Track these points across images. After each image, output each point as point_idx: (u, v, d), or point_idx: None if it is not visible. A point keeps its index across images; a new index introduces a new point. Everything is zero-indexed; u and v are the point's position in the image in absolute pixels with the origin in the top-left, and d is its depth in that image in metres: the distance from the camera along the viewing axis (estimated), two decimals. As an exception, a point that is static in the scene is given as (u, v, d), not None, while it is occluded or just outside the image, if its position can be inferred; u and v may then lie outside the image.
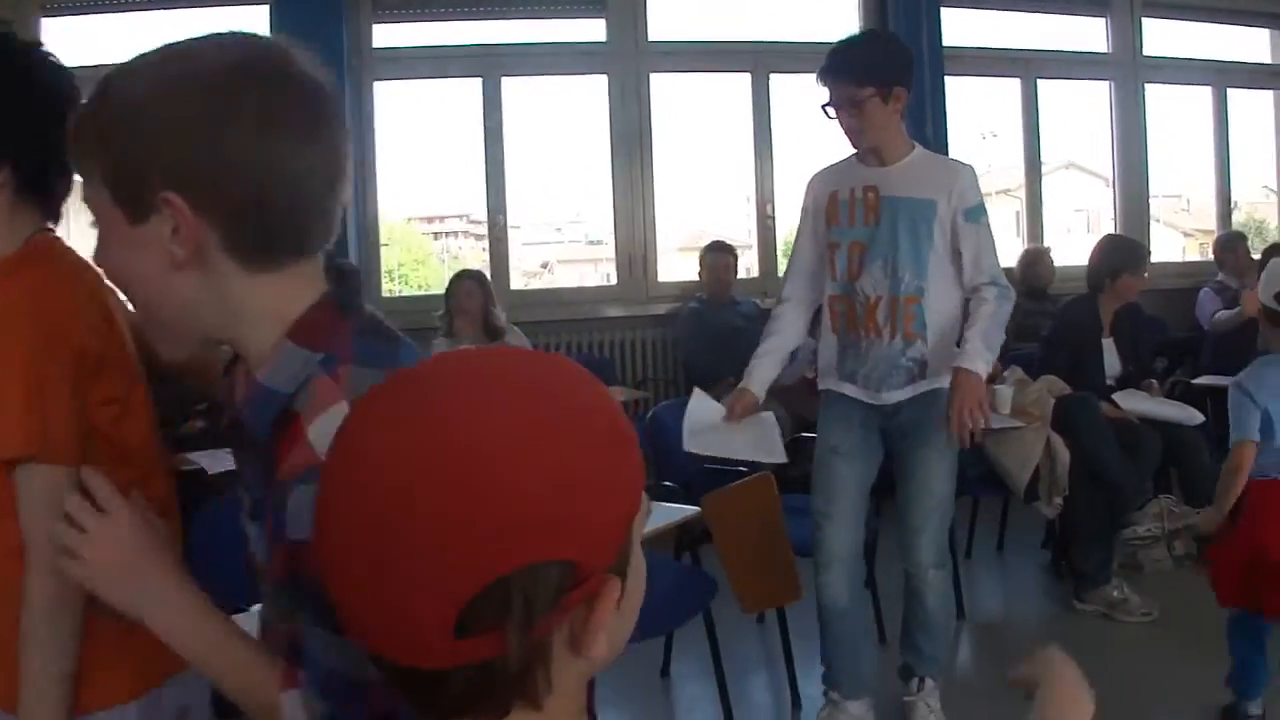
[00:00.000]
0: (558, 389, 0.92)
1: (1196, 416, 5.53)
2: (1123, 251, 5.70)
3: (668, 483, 4.26)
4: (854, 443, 3.76)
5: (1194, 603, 4.96)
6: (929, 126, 7.46)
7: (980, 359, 3.52)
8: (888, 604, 4.65)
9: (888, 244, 3.59)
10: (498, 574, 0.83)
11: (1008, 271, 7.55)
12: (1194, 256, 9.92)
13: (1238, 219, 9.38)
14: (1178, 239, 10.26)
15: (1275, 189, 9.63)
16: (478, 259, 7.42)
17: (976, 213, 3.60)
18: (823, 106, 3.61)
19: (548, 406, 0.89)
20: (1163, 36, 8.80)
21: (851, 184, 3.68)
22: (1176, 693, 4.20)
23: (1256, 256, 7.63)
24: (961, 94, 7.97)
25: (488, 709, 0.88)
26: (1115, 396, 5.45)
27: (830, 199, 3.74)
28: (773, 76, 7.62)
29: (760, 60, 7.60)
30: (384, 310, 4.74)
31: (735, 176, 7.76)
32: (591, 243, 8.23)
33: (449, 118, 7.51)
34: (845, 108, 3.55)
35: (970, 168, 3.70)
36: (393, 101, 7.13)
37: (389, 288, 7.25)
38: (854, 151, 3.74)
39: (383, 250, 7.18)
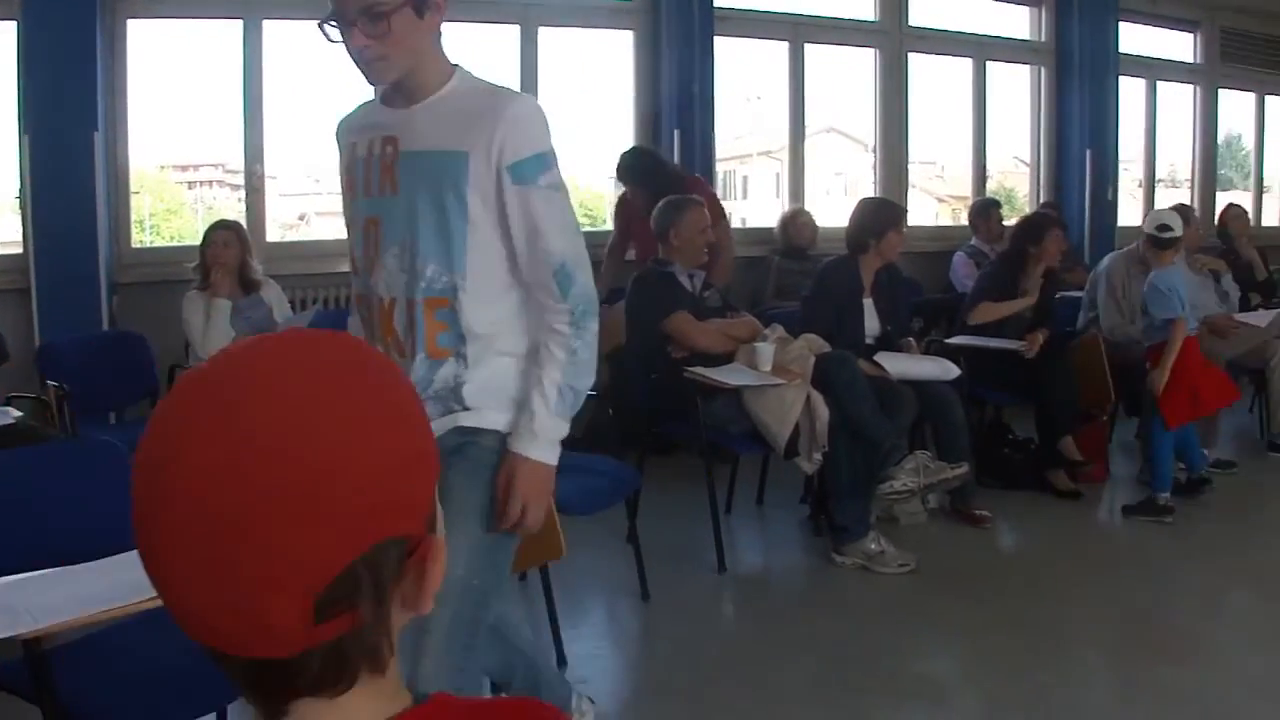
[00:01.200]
0: (357, 373, 0.93)
1: (953, 370, 5.68)
2: (885, 210, 5.85)
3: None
4: None
5: (949, 553, 5.13)
6: (697, 84, 7.48)
7: (547, 437, 2.51)
8: (652, 561, 4.66)
9: (405, 223, 2.51)
10: (346, 562, 0.87)
11: (767, 232, 7.74)
12: (947, 221, 10.20)
13: (990, 187, 9.69)
14: (932, 204, 10.52)
15: (1027, 160, 9.96)
16: (233, 210, 7.12)
17: (530, 169, 2.44)
18: (320, 25, 2.40)
19: (357, 395, 0.91)
20: (928, 8, 9.02)
21: (371, 135, 2.59)
22: (935, 637, 4.31)
23: (1007, 223, 7.89)
24: (730, 55, 8.00)
25: (340, 682, 0.91)
26: (876, 356, 5.55)
27: (350, 156, 2.66)
28: (541, 29, 7.51)
29: (529, 13, 7.48)
30: (134, 262, 4.49)
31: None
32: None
33: (206, 61, 7.19)
34: (361, 23, 2.35)
35: (526, 102, 2.53)
36: (147, 41, 6.78)
37: (139, 238, 6.89)
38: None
39: (133, 199, 6.84)
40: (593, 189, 8.83)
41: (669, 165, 6.83)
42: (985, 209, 8.42)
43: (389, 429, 0.91)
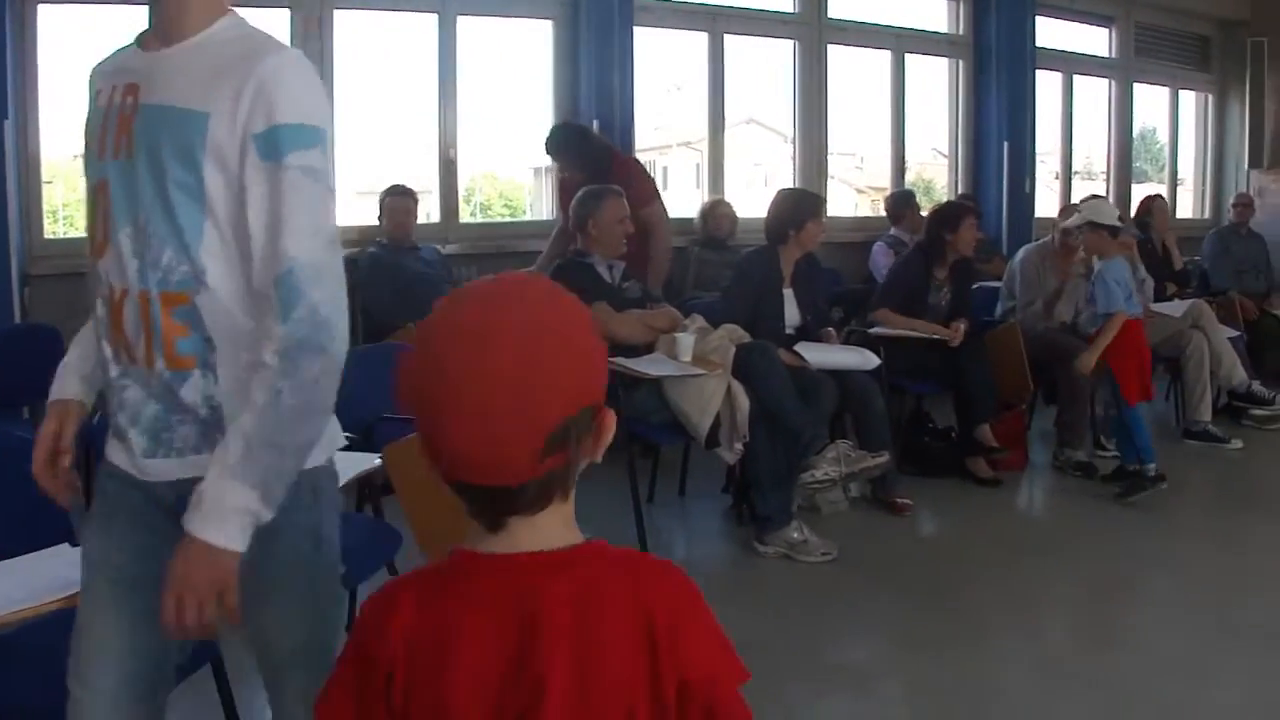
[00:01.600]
0: (562, 295, 1.41)
1: (873, 359, 5.71)
2: (805, 200, 5.87)
3: (347, 434, 4.05)
4: (132, 558, 2.08)
5: (871, 541, 5.15)
6: (616, 75, 7.45)
7: (220, 510, 1.84)
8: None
9: (138, 194, 1.95)
10: (563, 419, 1.31)
11: (687, 222, 7.74)
12: (865, 212, 10.25)
13: (909, 179, 9.74)
14: (851, 195, 10.57)
15: (945, 152, 10.02)
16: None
17: (283, 142, 1.90)
18: None
19: (566, 309, 1.39)
20: (847, 0, 9.05)
21: (115, 81, 2.05)
22: (858, 624, 4.32)
23: (924, 213, 7.93)
24: (649, 46, 7.97)
25: (542, 506, 1.37)
26: (797, 346, 5.55)
27: (93, 108, 2.11)
28: (460, 19, 7.44)
29: (447, 2, 7.40)
30: (47, 253, 4.36)
31: (418, 120, 7.56)
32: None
33: (112, 45, 7.04)
34: None
35: (290, 57, 1.96)
36: (59, 28, 6.63)
37: (52, 229, 6.74)
38: None
39: (45, 188, 6.69)
40: (514, 179, 8.78)
41: (596, 139, 6.74)
42: (906, 199, 8.48)
43: (587, 331, 1.38)
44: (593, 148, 6.45)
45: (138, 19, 2.09)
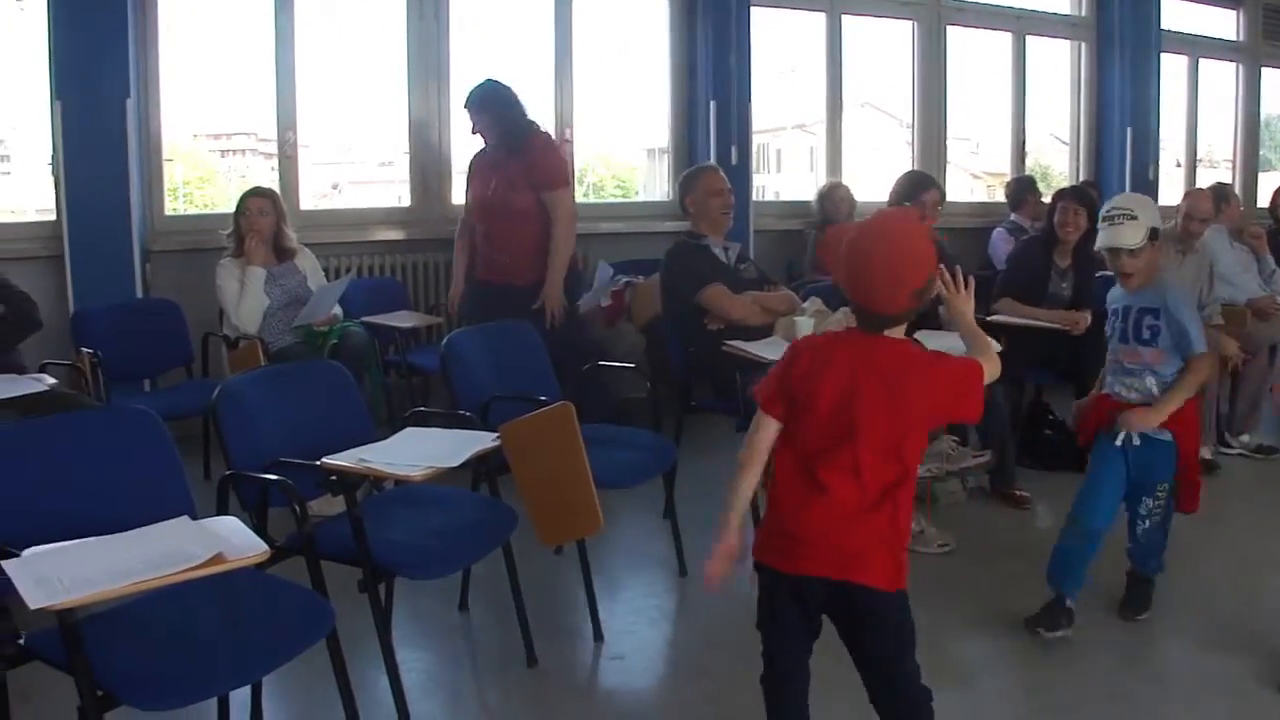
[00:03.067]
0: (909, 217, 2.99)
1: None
2: (921, 178, 5.84)
3: (464, 411, 4.06)
4: None
5: (988, 533, 5.06)
6: (733, 56, 7.40)
7: None
8: (689, 537, 4.61)
9: None
10: (921, 284, 2.53)
11: (802, 205, 7.67)
12: (981, 199, 10.10)
13: (1026, 164, 9.57)
14: (966, 180, 10.41)
15: (1065, 138, 9.85)
16: (266, 178, 7.06)
17: None
18: None
19: (917, 226, 2.67)
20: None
21: None
22: (973, 617, 4.22)
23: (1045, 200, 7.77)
24: (766, 27, 7.91)
25: (896, 325, 2.57)
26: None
27: None
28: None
29: (564, -18, 7.40)
30: (167, 229, 4.47)
31: (535, 99, 7.56)
32: (383, 165, 7.94)
33: (237, 30, 7.12)
34: None
35: None
36: (180, 8, 6.72)
37: (172, 206, 6.85)
38: None
39: (166, 166, 6.81)
40: (627, 162, 8.75)
41: (519, 111, 6.08)
42: (1028, 185, 8.34)
43: (926, 240, 2.57)
44: (512, 117, 5.99)
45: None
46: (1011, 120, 9.37)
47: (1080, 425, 4.27)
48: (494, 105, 5.88)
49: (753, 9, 7.58)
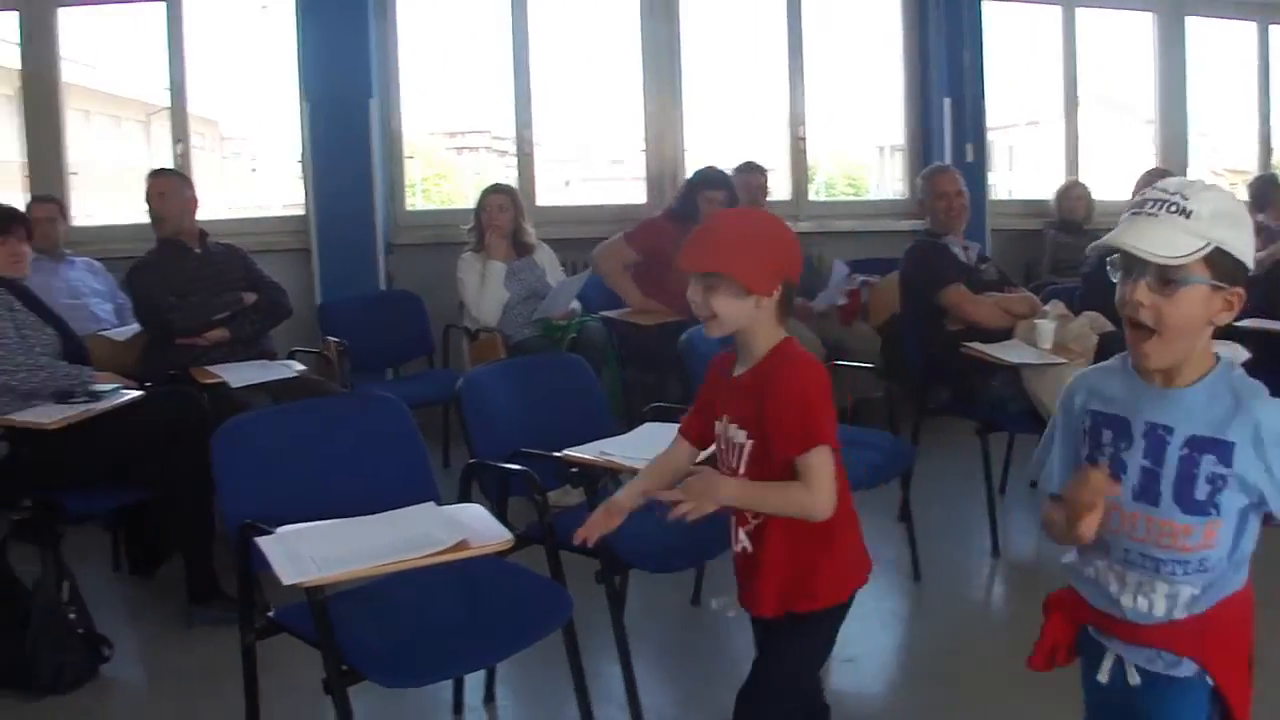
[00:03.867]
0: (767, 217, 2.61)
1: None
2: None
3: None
4: None
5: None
6: (966, 51, 7.26)
7: None
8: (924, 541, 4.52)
9: None
10: (786, 277, 2.34)
11: (1038, 204, 7.48)
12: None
13: (1273, 161, 9.15)
14: (1208, 179, 10.00)
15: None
16: (501, 175, 7.22)
17: None
18: None
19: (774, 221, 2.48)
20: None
21: None
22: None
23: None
24: (998, 21, 7.74)
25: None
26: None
27: None
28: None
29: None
30: (409, 224, 4.59)
31: (768, 97, 7.54)
32: (614, 162, 8.02)
33: (474, 31, 7.29)
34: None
35: None
36: (415, 8, 6.91)
37: (412, 202, 7.08)
38: None
39: (406, 164, 7.02)
40: (857, 160, 8.67)
41: None
42: (1275, 183, 7.94)
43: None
44: None
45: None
46: (1257, 115, 8.95)
47: (1040, 643, 2.27)
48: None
49: (984, 3, 7.42)
